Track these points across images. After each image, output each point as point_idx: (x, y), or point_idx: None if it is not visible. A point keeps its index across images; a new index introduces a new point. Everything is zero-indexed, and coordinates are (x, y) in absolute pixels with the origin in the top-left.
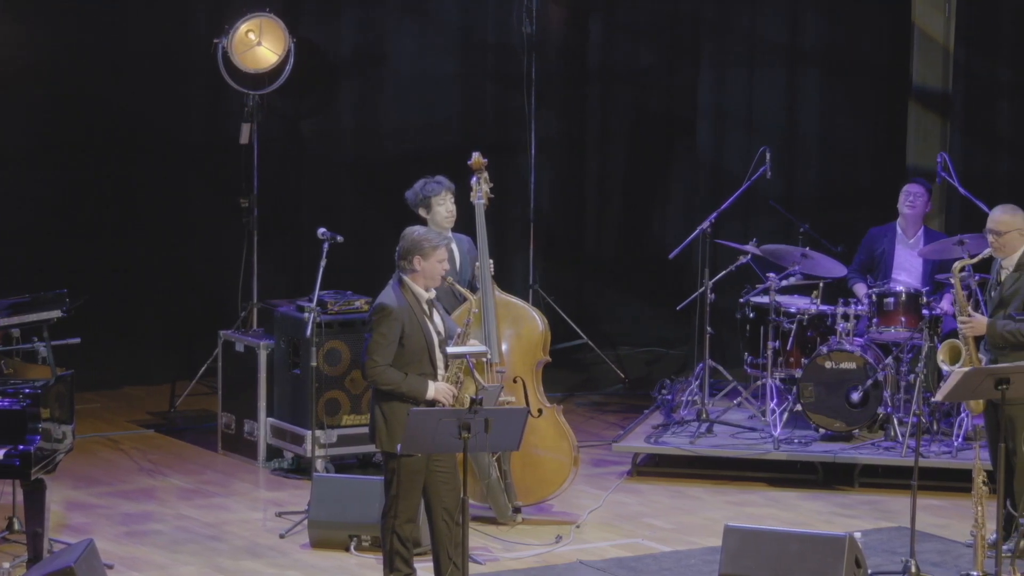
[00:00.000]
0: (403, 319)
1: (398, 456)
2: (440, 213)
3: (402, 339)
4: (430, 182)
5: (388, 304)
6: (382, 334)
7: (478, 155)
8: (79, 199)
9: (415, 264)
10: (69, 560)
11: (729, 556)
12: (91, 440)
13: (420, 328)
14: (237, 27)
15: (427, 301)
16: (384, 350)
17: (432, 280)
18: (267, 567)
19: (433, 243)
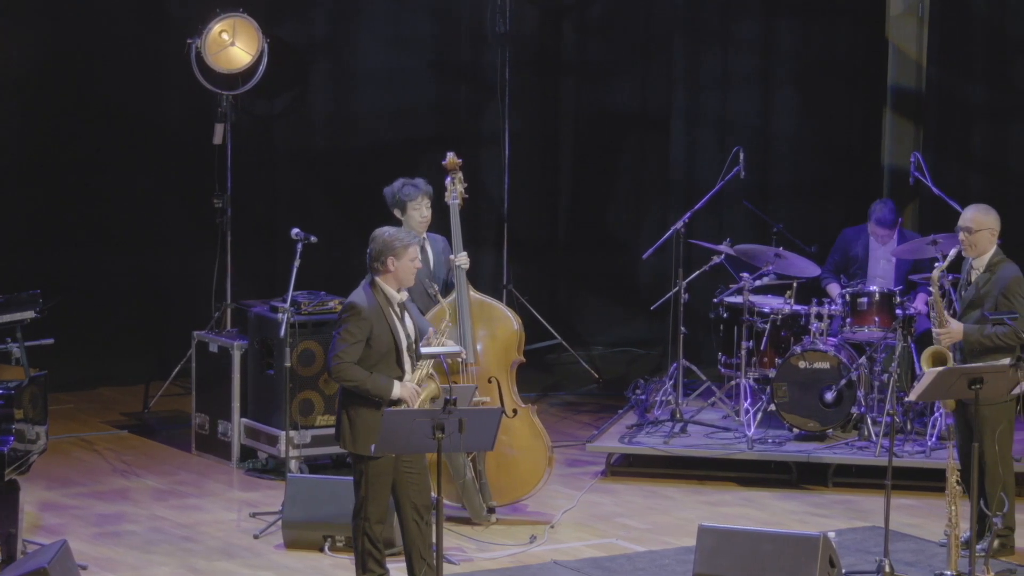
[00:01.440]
0: (372, 319)
1: (365, 457)
2: (414, 218)
3: (370, 339)
4: (408, 184)
5: (358, 303)
6: (350, 332)
7: (452, 155)
8: (52, 199)
9: (388, 265)
10: (43, 561)
11: (703, 556)
12: (65, 441)
13: (389, 329)
14: (210, 27)
15: (399, 303)
16: (351, 348)
17: (406, 280)
18: (241, 568)
19: (405, 242)
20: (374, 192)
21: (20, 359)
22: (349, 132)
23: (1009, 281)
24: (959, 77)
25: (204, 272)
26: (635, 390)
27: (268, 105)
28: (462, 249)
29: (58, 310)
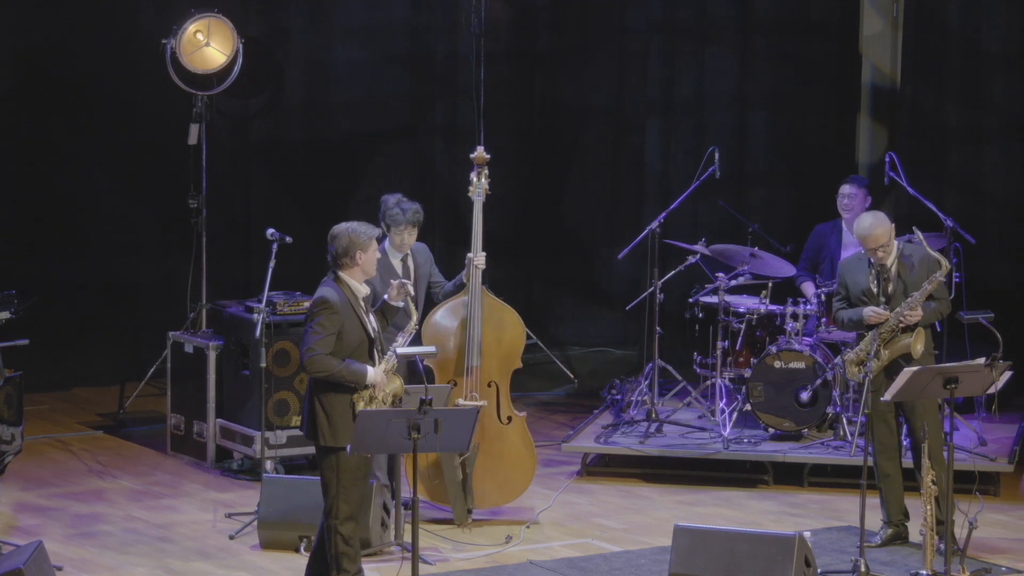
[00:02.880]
0: (343, 314)
1: (337, 452)
2: (394, 241)
3: (341, 333)
4: (398, 208)
5: (329, 298)
6: (323, 325)
7: (481, 150)
8: (25, 200)
9: (357, 259)
10: (18, 562)
11: (679, 556)
12: (40, 442)
13: (359, 323)
14: (185, 27)
15: (363, 298)
16: (324, 340)
17: (370, 271)
18: (217, 568)
19: (369, 235)
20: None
21: None
22: (324, 132)
23: (931, 260)
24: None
25: (179, 272)
26: (611, 390)
27: (243, 105)
28: (481, 249)
29: (33, 310)
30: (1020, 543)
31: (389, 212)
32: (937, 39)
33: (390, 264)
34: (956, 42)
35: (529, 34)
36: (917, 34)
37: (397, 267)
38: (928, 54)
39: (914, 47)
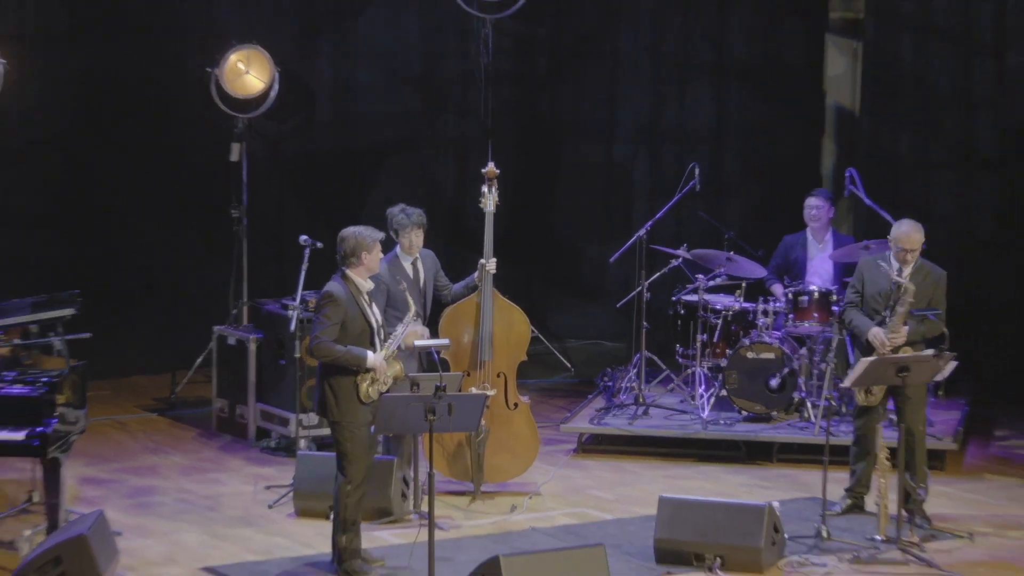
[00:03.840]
0: (346, 305)
1: (345, 425)
2: (403, 244)
3: (345, 323)
4: (403, 214)
5: (333, 292)
6: (328, 316)
7: (492, 166)
8: (91, 214)
9: (362, 259)
10: (83, 528)
11: (663, 523)
12: (101, 423)
13: (362, 314)
14: (227, 58)
15: (367, 292)
16: (329, 329)
17: (374, 269)
18: (257, 533)
19: (372, 238)
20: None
21: (61, 351)
22: (348, 148)
23: (943, 280)
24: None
25: (222, 274)
26: (603, 378)
27: (278, 126)
28: (493, 255)
29: (95, 307)
30: (962, 512)
31: (396, 219)
32: (892, 78)
33: (401, 266)
34: (909, 81)
35: (530, 60)
36: (875, 74)
37: (408, 269)
38: (884, 91)
39: (872, 85)
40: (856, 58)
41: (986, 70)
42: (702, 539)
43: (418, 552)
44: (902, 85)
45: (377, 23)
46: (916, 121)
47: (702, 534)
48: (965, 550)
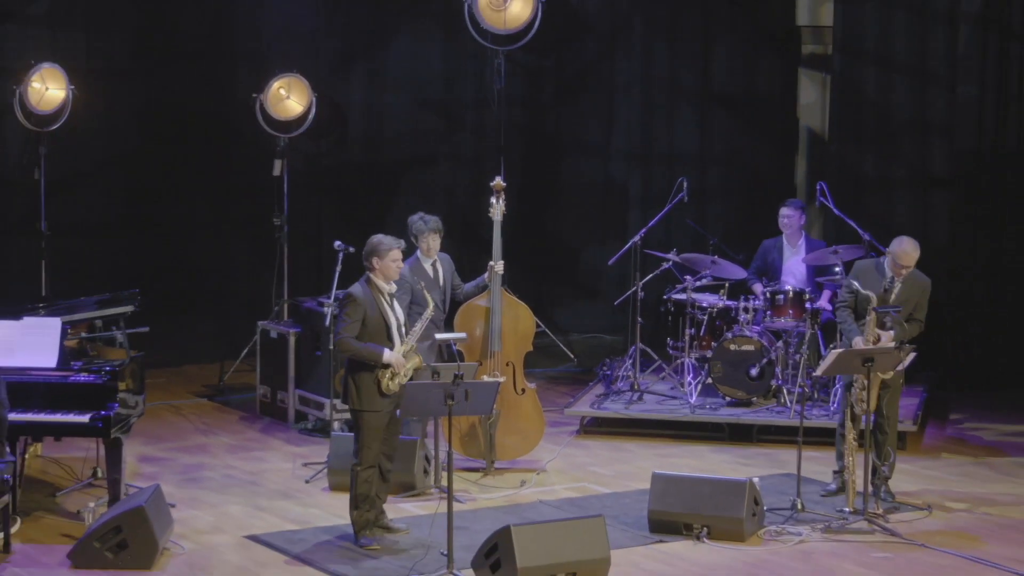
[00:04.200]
0: (365, 305)
1: (363, 413)
2: (422, 247)
3: (365, 320)
4: (420, 220)
5: (353, 292)
6: (347, 314)
7: (499, 179)
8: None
9: (374, 264)
10: (141, 501)
11: (656, 496)
12: (157, 407)
13: (380, 313)
14: (271, 85)
15: (388, 294)
16: (349, 326)
17: (388, 275)
18: (295, 505)
19: (387, 246)
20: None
21: (123, 343)
22: (377, 162)
23: (928, 288)
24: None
25: (266, 275)
26: (603, 367)
27: (315, 144)
28: (500, 258)
29: (153, 305)
30: (922, 487)
31: (414, 225)
32: (857, 106)
33: (422, 268)
34: (871, 109)
35: (537, 86)
36: (841, 102)
37: (428, 270)
38: (850, 118)
39: (839, 112)
40: (825, 88)
41: (940, 100)
42: (690, 511)
43: (438, 521)
44: (865, 112)
45: (403, 53)
46: (878, 144)
47: (690, 506)
48: (924, 521)
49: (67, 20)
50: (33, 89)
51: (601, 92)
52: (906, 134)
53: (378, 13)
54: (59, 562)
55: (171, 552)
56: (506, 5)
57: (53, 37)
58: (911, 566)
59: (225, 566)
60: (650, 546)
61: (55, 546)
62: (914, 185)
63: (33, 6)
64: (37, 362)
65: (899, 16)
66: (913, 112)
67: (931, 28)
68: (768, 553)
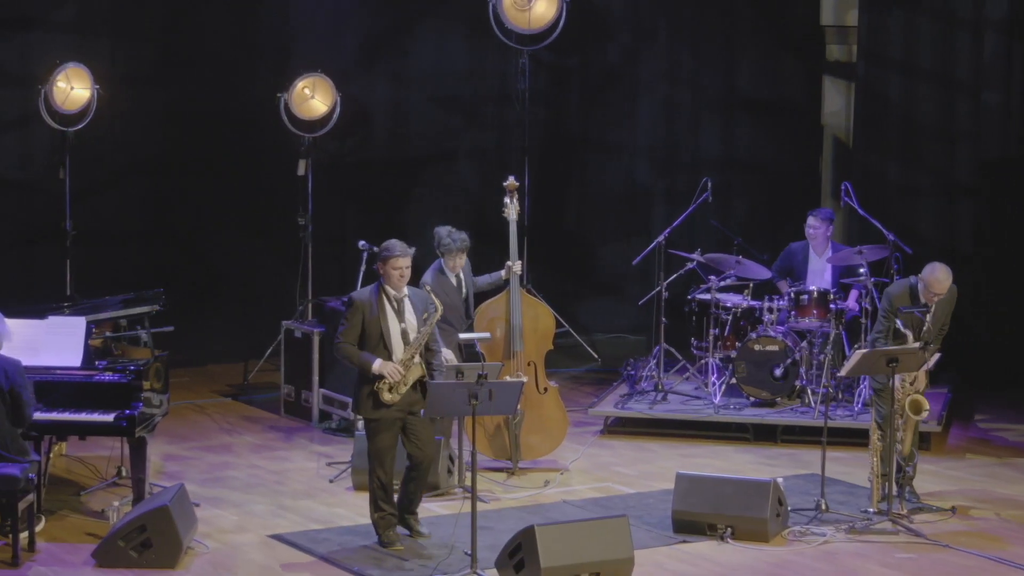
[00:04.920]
0: (364, 310)
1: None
2: (447, 263)
3: (364, 326)
4: (449, 238)
5: (353, 297)
6: (347, 318)
7: (512, 179)
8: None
9: (379, 269)
10: (165, 499)
11: (679, 496)
12: (182, 406)
13: (379, 319)
14: (295, 84)
15: (395, 299)
16: (347, 331)
17: (388, 282)
18: (319, 505)
19: (390, 252)
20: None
21: (147, 342)
22: (401, 162)
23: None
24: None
25: (290, 275)
26: (626, 367)
27: (340, 144)
28: (518, 258)
29: (178, 304)
30: (946, 488)
31: (443, 242)
32: (882, 113)
33: (447, 278)
34: (897, 116)
35: (561, 85)
36: (866, 110)
37: (451, 279)
38: (874, 125)
39: (863, 120)
40: (850, 95)
41: (965, 107)
42: (714, 511)
43: (462, 521)
44: (890, 119)
45: (427, 51)
46: (903, 151)
47: (714, 506)
48: (949, 521)
49: (92, 26)
50: (58, 88)
51: (625, 92)
52: (931, 141)
53: (402, 12)
54: (84, 561)
55: (195, 551)
56: (530, 5)
57: (79, 43)
58: (935, 567)
59: (249, 565)
60: (674, 546)
61: (80, 545)
62: (939, 192)
63: (59, 12)
64: (62, 361)
65: (924, 23)
66: (938, 119)
67: (956, 35)
68: (792, 553)
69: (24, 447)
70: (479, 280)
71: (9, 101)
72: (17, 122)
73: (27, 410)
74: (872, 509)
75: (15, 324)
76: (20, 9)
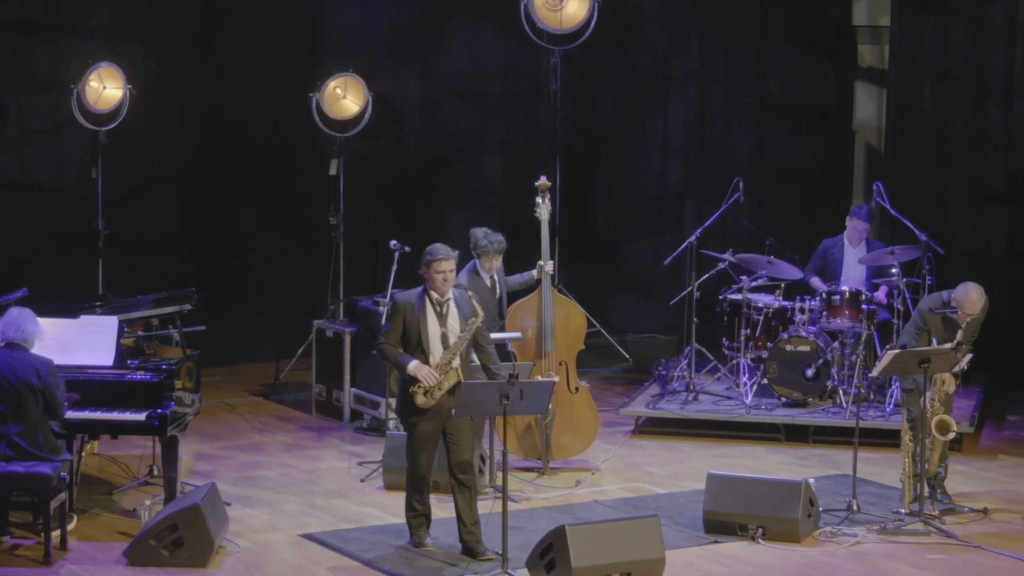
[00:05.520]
0: (406, 312)
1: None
2: (483, 265)
3: (406, 328)
4: (486, 240)
5: (396, 297)
6: (389, 318)
7: (544, 179)
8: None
9: (423, 273)
10: (197, 499)
11: (711, 496)
12: (214, 406)
13: (419, 322)
14: (327, 84)
15: (439, 303)
16: (390, 332)
17: (431, 286)
18: (351, 504)
19: (432, 256)
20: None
21: (179, 341)
22: (432, 162)
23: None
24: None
25: (321, 274)
26: (658, 367)
27: (371, 143)
28: (550, 258)
29: (210, 303)
30: (978, 488)
31: (479, 244)
32: (914, 120)
33: (481, 279)
34: (928, 124)
35: (594, 86)
36: (898, 117)
37: (486, 280)
38: (906, 132)
39: (896, 127)
40: (882, 101)
41: (997, 114)
42: (746, 511)
43: (493, 521)
44: (922, 126)
45: (458, 50)
46: (935, 158)
47: (746, 507)
48: (980, 523)
49: (125, 31)
50: (91, 88)
51: (657, 92)
52: (963, 148)
53: (433, 12)
54: (115, 559)
55: (226, 550)
56: (562, 5)
57: (111, 48)
58: (967, 568)
59: (280, 564)
60: (705, 546)
61: (111, 543)
62: (971, 200)
63: (93, 18)
64: (94, 360)
65: (956, 30)
66: (970, 126)
67: (989, 42)
68: (823, 554)
69: (56, 446)
70: (511, 280)
71: (43, 106)
72: (51, 128)
73: (60, 409)
74: (904, 510)
75: (47, 323)
76: (55, 15)
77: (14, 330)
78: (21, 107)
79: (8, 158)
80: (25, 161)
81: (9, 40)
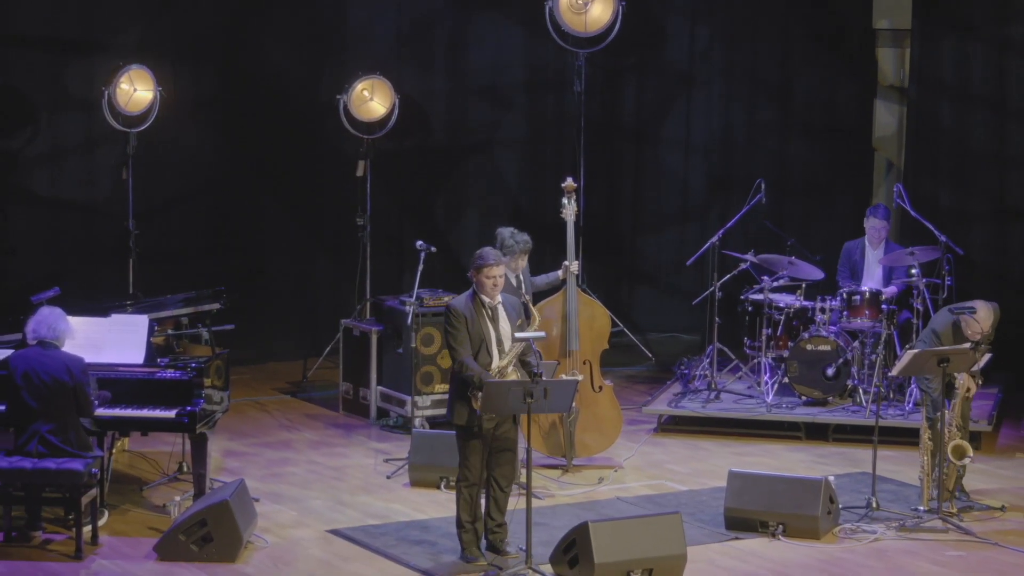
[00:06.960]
0: (466, 315)
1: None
2: (510, 265)
3: (469, 333)
4: (512, 239)
5: (452, 304)
6: (454, 327)
7: (571, 180)
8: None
9: (472, 277)
10: (226, 495)
11: (732, 494)
12: (242, 403)
13: (479, 327)
14: (354, 86)
15: (490, 307)
16: (463, 345)
17: (481, 290)
18: (377, 500)
19: (483, 261)
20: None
21: (208, 340)
22: (459, 165)
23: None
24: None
25: (349, 274)
26: (680, 366)
27: (398, 145)
28: (575, 258)
29: (239, 303)
30: (996, 486)
31: (506, 243)
32: (933, 138)
33: (509, 282)
34: (948, 141)
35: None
36: (918, 134)
37: (512, 281)
38: (926, 150)
39: (915, 144)
40: (902, 119)
41: (1017, 133)
42: (766, 508)
43: (517, 517)
44: (942, 144)
45: (483, 51)
46: (954, 176)
47: (766, 504)
48: (998, 520)
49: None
50: (122, 90)
51: (680, 93)
52: (983, 166)
53: (458, 14)
54: (145, 554)
55: (255, 546)
56: (587, 8)
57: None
58: (985, 564)
59: (308, 560)
60: (726, 543)
61: (142, 539)
62: (991, 218)
63: (124, 36)
64: (124, 358)
65: (977, 49)
66: (990, 145)
67: (1009, 60)
68: (843, 551)
69: (87, 442)
70: (536, 280)
71: (75, 123)
72: (83, 144)
73: (90, 407)
74: (922, 507)
75: (78, 322)
76: (87, 33)
77: (46, 328)
78: (53, 123)
79: (40, 174)
80: (57, 176)
81: (42, 57)
